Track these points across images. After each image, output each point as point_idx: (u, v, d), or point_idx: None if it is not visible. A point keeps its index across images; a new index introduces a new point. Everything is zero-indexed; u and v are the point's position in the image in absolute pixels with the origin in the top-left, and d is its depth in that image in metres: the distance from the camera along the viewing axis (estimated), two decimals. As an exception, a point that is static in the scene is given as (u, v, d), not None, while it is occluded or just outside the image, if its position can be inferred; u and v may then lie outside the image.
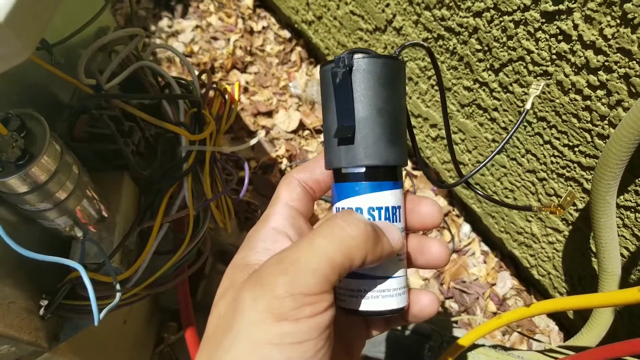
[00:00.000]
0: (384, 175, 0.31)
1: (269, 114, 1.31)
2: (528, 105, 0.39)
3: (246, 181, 0.53)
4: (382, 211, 0.31)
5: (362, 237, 0.27)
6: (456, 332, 0.82)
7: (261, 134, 1.25)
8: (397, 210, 0.32)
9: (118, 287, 0.46)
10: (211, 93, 0.61)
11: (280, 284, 0.25)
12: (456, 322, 1.00)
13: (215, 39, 1.46)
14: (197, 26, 1.48)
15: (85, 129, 0.52)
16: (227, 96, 0.59)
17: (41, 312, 0.51)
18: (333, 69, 0.29)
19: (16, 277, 0.48)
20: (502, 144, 0.38)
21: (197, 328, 0.71)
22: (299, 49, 1.43)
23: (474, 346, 0.70)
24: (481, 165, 0.38)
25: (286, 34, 1.47)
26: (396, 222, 0.32)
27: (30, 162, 0.39)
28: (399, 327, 0.81)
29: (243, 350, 0.25)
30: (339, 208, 0.32)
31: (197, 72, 0.59)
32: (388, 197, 0.31)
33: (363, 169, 0.31)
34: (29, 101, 0.49)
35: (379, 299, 0.31)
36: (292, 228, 0.32)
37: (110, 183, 0.54)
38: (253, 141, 0.53)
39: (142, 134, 0.56)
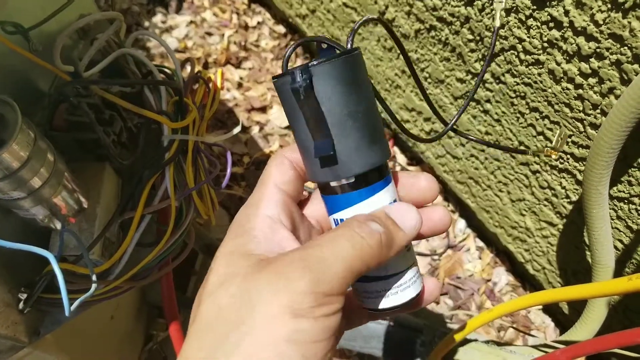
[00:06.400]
0: (373, 177, 0.30)
1: (263, 109, 1.30)
2: (497, 23, 0.38)
3: (228, 170, 0.52)
4: None
5: (377, 246, 0.28)
6: (449, 327, 0.81)
7: (254, 129, 1.24)
8: (394, 204, 0.31)
9: (94, 277, 0.45)
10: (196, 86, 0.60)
11: (304, 280, 0.26)
12: (451, 317, 0.99)
13: (209, 34, 1.45)
14: (191, 22, 1.47)
15: (64, 117, 0.50)
16: (210, 85, 0.57)
17: (20, 305, 0.50)
18: (292, 86, 0.27)
19: (-8, 270, 0.47)
20: (482, 71, 0.37)
21: (185, 324, 0.70)
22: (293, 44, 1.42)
23: (466, 341, 0.69)
24: (465, 105, 0.37)
25: (281, 29, 1.46)
26: None
27: (0, 148, 0.38)
28: (391, 322, 0.80)
29: (258, 346, 0.24)
30: (336, 219, 0.31)
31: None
32: (382, 197, 0.30)
33: (352, 179, 0.29)
34: (6, 88, 0.48)
35: (398, 294, 0.31)
36: (285, 215, 0.31)
37: (90, 173, 0.53)
38: (236, 130, 0.52)
39: (124, 123, 0.55)
